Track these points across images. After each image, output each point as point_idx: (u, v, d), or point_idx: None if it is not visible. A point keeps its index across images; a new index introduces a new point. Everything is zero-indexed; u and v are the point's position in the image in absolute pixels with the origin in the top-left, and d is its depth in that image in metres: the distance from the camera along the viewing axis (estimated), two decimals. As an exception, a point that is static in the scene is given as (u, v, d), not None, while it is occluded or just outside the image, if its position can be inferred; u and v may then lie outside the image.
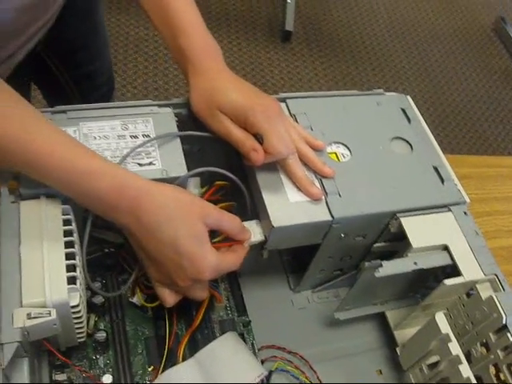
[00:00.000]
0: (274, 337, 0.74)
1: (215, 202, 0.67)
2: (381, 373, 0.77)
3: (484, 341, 0.66)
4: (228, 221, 0.63)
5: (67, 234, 0.58)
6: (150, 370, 0.67)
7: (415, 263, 0.65)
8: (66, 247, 0.57)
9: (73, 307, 0.55)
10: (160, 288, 0.64)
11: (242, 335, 0.72)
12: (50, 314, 0.52)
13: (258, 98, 0.67)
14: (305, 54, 2.44)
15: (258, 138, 0.65)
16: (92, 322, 0.68)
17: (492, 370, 0.65)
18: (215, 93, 0.67)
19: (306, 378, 0.72)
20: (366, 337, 0.80)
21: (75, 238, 0.58)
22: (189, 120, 0.71)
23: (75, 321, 0.58)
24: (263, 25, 2.48)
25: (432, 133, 0.78)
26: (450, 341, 0.64)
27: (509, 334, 0.62)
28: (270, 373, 0.70)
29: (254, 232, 0.67)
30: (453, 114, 2.41)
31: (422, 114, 0.80)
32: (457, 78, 2.58)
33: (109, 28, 2.22)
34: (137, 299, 0.70)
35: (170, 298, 0.64)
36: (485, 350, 0.66)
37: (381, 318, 0.80)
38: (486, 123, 2.43)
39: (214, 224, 0.61)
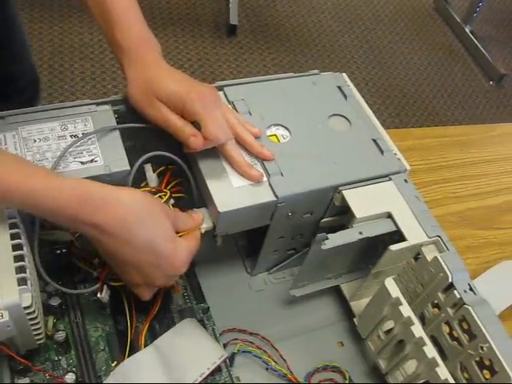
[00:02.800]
0: (234, 321, 0.76)
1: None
2: (342, 344, 0.79)
3: (435, 302, 0.68)
4: (195, 221, 0.67)
5: (14, 237, 0.58)
6: (113, 365, 0.68)
7: (360, 233, 0.67)
8: (14, 250, 0.57)
9: (25, 308, 0.56)
10: (136, 288, 0.65)
11: (202, 322, 0.73)
12: (1, 316, 0.53)
13: (195, 87, 0.68)
14: (252, 47, 2.45)
15: (196, 125, 0.66)
16: (51, 324, 0.68)
17: (446, 329, 0.67)
18: (153, 82, 0.67)
19: (269, 356, 0.74)
20: (324, 311, 0.81)
21: (23, 240, 0.59)
22: (128, 115, 0.72)
23: (31, 322, 0.58)
24: (208, 20, 2.49)
25: (382, 111, 0.80)
26: (401, 304, 0.66)
27: (456, 292, 0.64)
28: (233, 355, 0.72)
29: (204, 220, 0.68)
30: (402, 92, 2.46)
31: (371, 95, 0.82)
32: (403, 58, 2.63)
33: (52, 37, 2.20)
34: (104, 295, 0.70)
35: (147, 293, 0.66)
36: (437, 311, 0.68)
37: (337, 292, 0.82)
38: (434, 100, 2.48)
39: (183, 227, 0.64)
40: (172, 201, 0.69)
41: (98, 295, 0.70)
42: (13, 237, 0.58)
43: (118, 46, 0.71)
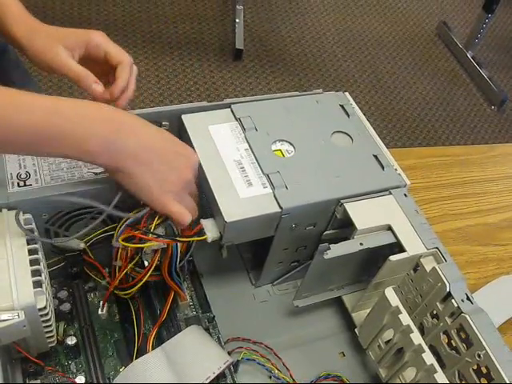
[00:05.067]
0: (238, 330, 0.78)
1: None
2: (344, 355, 0.81)
3: (434, 312, 0.70)
4: None
5: (30, 242, 0.61)
6: (121, 370, 0.70)
7: (361, 244, 0.69)
8: (30, 254, 0.60)
9: (40, 310, 0.58)
10: (173, 205, 0.66)
11: (207, 330, 0.75)
12: (18, 316, 0.55)
13: (89, 31, 0.75)
14: (257, 71, 2.50)
15: None
16: (61, 329, 0.71)
17: (444, 338, 0.70)
18: (57, 32, 0.73)
19: (272, 364, 0.76)
20: (326, 322, 0.84)
21: (38, 245, 0.62)
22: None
23: (44, 324, 0.61)
24: (214, 45, 2.54)
25: (385, 134, 0.83)
26: (400, 312, 0.68)
27: (453, 301, 0.66)
28: (237, 363, 0.74)
29: (210, 230, 0.71)
30: (404, 116, 2.49)
31: (374, 119, 0.85)
32: (405, 82, 2.67)
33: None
34: (105, 312, 0.73)
35: (185, 211, 0.66)
36: (435, 321, 0.71)
37: (339, 304, 0.84)
38: (436, 124, 2.51)
39: None
40: None
41: (99, 312, 0.73)
42: (29, 242, 0.61)
43: (3, 14, 0.74)
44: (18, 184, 0.65)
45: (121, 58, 0.74)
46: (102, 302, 0.74)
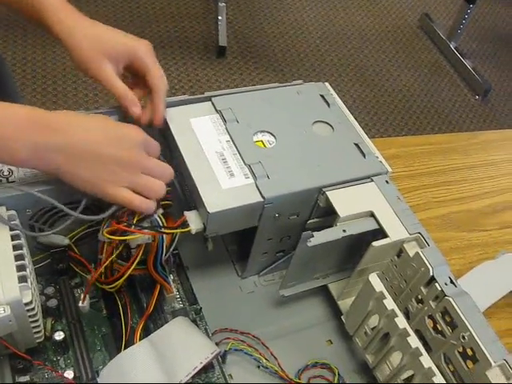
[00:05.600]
0: (225, 321, 0.78)
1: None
2: (331, 342, 0.82)
3: (418, 297, 0.71)
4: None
5: (14, 237, 0.61)
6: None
7: (344, 230, 0.70)
8: (14, 250, 0.60)
9: (26, 304, 0.59)
10: (118, 194, 0.65)
11: (194, 322, 0.76)
12: (4, 310, 0.56)
13: (140, 40, 0.75)
14: (241, 67, 2.50)
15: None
16: (49, 325, 0.71)
17: (430, 323, 0.70)
18: (104, 40, 0.72)
19: (260, 354, 0.76)
20: (313, 311, 0.84)
21: (23, 240, 0.62)
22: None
23: (30, 319, 0.61)
24: (197, 43, 2.54)
25: (370, 127, 0.84)
26: (385, 298, 0.69)
27: (437, 284, 0.67)
28: (225, 353, 0.74)
29: (194, 221, 0.71)
30: (389, 108, 2.51)
31: (359, 112, 0.86)
32: (389, 75, 2.69)
33: (45, 61, 2.24)
34: (86, 304, 0.74)
35: (132, 196, 0.66)
36: (420, 305, 0.71)
37: (325, 293, 0.85)
38: (421, 115, 2.53)
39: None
40: (161, 210, 0.72)
41: (80, 304, 0.73)
42: (13, 238, 0.61)
43: (40, 8, 0.73)
44: (1, 181, 0.65)
45: (158, 84, 0.74)
46: (82, 295, 0.74)
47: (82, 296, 0.73)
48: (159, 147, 0.70)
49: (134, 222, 0.67)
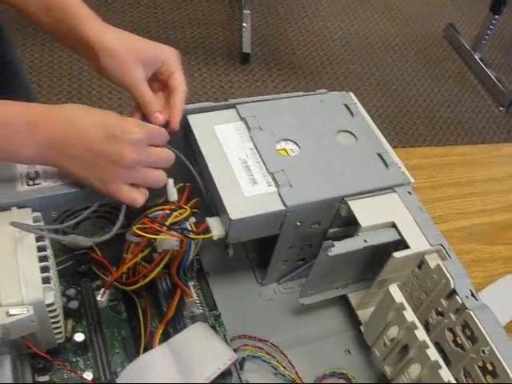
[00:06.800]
0: (244, 328, 0.78)
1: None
2: (349, 353, 0.82)
3: (438, 309, 0.71)
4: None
5: (39, 239, 0.62)
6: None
7: (365, 241, 0.70)
8: (39, 251, 0.61)
9: (48, 305, 0.59)
10: (121, 192, 0.66)
11: (213, 328, 0.76)
12: (27, 311, 0.56)
13: (166, 46, 0.76)
14: (264, 74, 2.51)
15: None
16: (69, 326, 0.72)
17: (449, 335, 0.70)
18: (135, 42, 0.74)
19: (278, 362, 0.76)
20: (332, 321, 0.84)
21: (47, 242, 0.63)
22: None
23: (52, 320, 0.62)
24: (222, 49, 2.56)
25: (392, 136, 0.84)
26: (405, 309, 0.69)
27: (457, 297, 0.67)
28: (243, 360, 0.74)
29: (216, 228, 0.72)
30: (411, 118, 2.49)
31: (381, 121, 0.86)
32: (413, 85, 2.67)
33: (71, 65, 2.27)
34: (104, 299, 0.74)
35: (135, 194, 0.66)
36: (440, 318, 0.71)
37: (344, 302, 0.84)
38: (444, 125, 2.51)
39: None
40: (193, 219, 0.72)
41: (98, 298, 0.74)
42: (38, 239, 0.62)
43: (76, 15, 0.73)
44: (28, 183, 0.66)
45: (180, 87, 0.75)
46: (102, 290, 0.75)
47: (102, 291, 0.74)
48: (166, 135, 0.70)
49: (168, 223, 0.68)
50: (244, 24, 2.60)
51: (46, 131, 0.62)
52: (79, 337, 0.70)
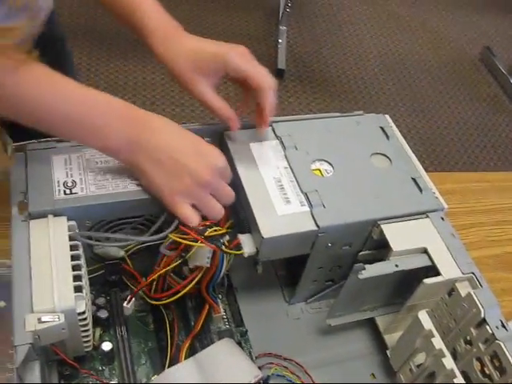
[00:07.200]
0: (270, 346, 0.78)
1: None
2: (374, 376, 0.81)
3: (467, 338, 0.70)
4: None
5: (73, 248, 0.63)
6: (153, 378, 0.71)
7: (396, 265, 0.70)
8: (72, 260, 0.62)
9: (79, 314, 0.60)
10: (181, 207, 0.67)
11: (239, 344, 0.75)
12: (59, 318, 0.57)
13: (232, 47, 0.75)
14: (298, 91, 2.52)
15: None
16: (97, 335, 0.72)
17: (477, 365, 0.69)
18: (195, 53, 0.74)
19: (302, 382, 0.76)
20: (358, 343, 0.83)
21: (80, 251, 0.64)
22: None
23: (82, 328, 0.63)
24: (257, 64, 2.57)
25: (424, 159, 0.84)
26: (433, 336, 0.68)
27: (487, 327, 0.66)
28: (268, 378, 0.74)
29: (247, 245, 0.72)
30: (444, 140, 2.48)
31: (414, 143, 0.86)
32: (447, 107, 2.66)
33: (107, 74, 2.31)
34: (130, 306, 0.74)
35: (192, 214, 0.67)
36: (469, 347, 0.70)
37: (372, 325, 0.84)
38: (477, 149, 2.49)
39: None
40: (227, 237, 0.72)
41: (124, 304, 0.74)
42: (72, 248, 0.63)
43: (145, 26, 0.76)
44: (65, 192, 0.67)
45: (261, 85, 0.75)
46: (129, 296, 0.75)
47: (129, 297, 0.74)
48: (231, 177, 0.72)
49: (205, 234, 0.68)
50: (280, 40, 2.62)
51: (140, 129, 0.66)
52: (107, 346, 0.70)
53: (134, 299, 0.74)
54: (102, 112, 0.65)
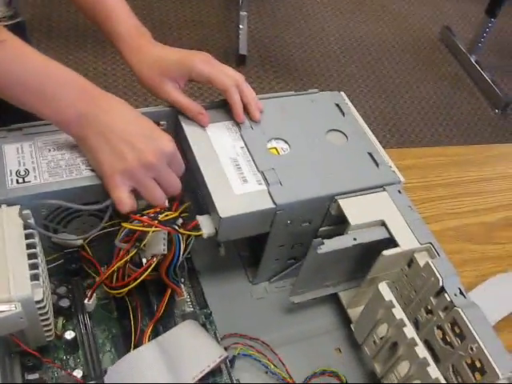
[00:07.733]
0: (235, 326, 0.78)
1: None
2: (340, 351, 0.82)
3: (428, 307, 0.71)
4: None
5: (28, 236, 0.62)
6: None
7: (354, 239, 0.70)
8: (27, 248, 0.61)
9: (37, 302, 0.59)
10: (118, 189, 0.66)
11: (204, 326, 0.76)
12: (15, 307, 0.56)
13: (195, 53, 0.79)
14: (261, 76, 2.52)
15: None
16: (60, 324, 0.72)
17: (439, 333, 0.70)
18: (160, 60, 0.78)
19: (269, 360, 0.76)
20: (323, 319, 0.84)
21: (36, 239, 0.63)
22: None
23: (41, 317, 0.62)
24: (218, 51, 2.56)
25: (388, 139, 0.84)
26: (394, 306, 0.69)
27: (446, 295, 0.67)
28: (233, 358, 0.75)
29: (206, 226, 0.72)
30: (407, 120, 2.50)
31: (377, 123, 0.86)
32: (409, 87, 2.68)
33: (67, 66, 2.27)
34: (91, 302, 0.74)
35: (127, 198, 0.66)
36: (430, 316, 0.71)
37: (335, 300, 0.85)
38: (440, 128, 2.52)
39: None
40: (180, 220, 0.72)
41: (85, 301, 0.74)
42: (27, 236, 0.62)
43: (116, 34, 0.79)
44: (17, 181, 0.66)
45: (224, 86, 0.78)
46: (89, 292, 0.74)
47: (89, 294, 0.74)
48: (183, 168, 0.71)
49: (160, 218, 0.68)
50: (240, 26, 2.61)
51: (92, 104, 0.66)
52: (69, 335, 0.70)
53: (94, 295, 0.74)
54: (59, 83, 0.66)
